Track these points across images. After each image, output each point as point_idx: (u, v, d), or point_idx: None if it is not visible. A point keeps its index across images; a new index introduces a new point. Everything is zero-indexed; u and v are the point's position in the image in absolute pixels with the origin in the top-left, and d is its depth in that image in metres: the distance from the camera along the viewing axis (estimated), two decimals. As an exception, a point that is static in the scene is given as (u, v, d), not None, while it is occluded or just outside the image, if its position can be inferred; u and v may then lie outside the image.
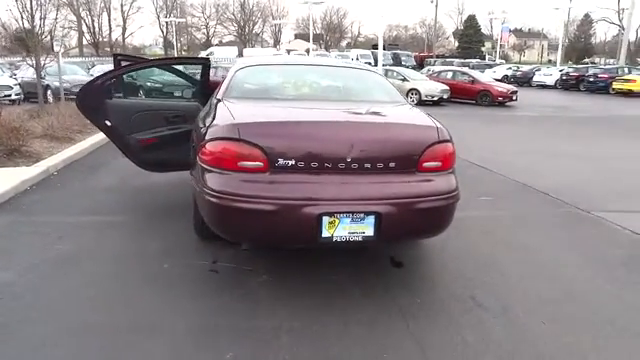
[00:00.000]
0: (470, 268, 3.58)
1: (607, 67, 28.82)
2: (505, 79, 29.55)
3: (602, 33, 74.27)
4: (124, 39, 67.04)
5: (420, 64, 44.24)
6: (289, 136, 2.93)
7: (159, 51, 75.85)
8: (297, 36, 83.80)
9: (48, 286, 3.14)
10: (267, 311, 2.91)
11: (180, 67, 6.30)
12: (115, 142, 4.74)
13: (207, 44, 75.97)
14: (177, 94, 5.87)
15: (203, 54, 51.35)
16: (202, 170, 3.06)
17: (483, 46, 76.37)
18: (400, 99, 3.95)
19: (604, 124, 13.50)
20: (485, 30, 79.20)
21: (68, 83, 14.52)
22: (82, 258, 3.60)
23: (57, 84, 13.85)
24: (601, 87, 25.11)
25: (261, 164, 2.86)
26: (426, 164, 3.05)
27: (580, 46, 71.05)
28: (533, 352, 2.58)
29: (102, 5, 62.61)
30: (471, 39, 74.56)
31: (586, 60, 63.91)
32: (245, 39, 77.74)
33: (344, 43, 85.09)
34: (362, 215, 2.86)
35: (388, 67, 23.37)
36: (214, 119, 3.21)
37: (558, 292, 3.27)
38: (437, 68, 26.48)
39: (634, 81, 23.61)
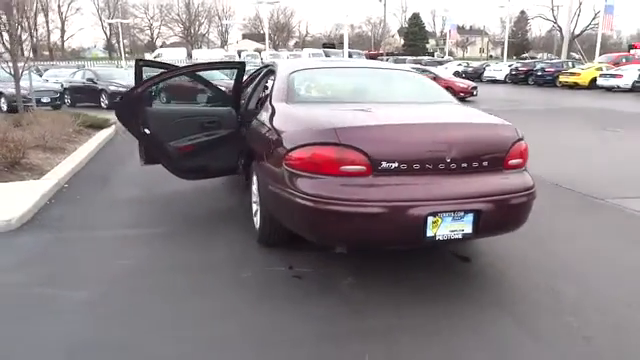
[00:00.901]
0: (533, 259, 3.74)
1: (553, 62, 30.34)
2: (457, 75, 30.53)
3: (537, 29, 77.89)
4: (63, 42, 64.10)
5: (371, 62, 44.70)
6: (390, 139, 2.97)
7: (101, 54, 73.02)
8: (245, 36, 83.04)
9: (139, 304, 3.03)
10: (372, 311, 2.94)
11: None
12: (153, 150, 4.60)
13: (151, 46, 73.85)
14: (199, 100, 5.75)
15: (150, 56, 49.95)
16: (292, 176, 3.04)
17: (428, 43, 78.48)
18: (451, 98, 4.07)
19: (567, 116, 14.25)
20: (429, 27, 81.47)
21: (25, 90, 13.73)
22: (153, 271, 3.49)
23: (11, 91, 13.07)
24: (548, 81, 26.49)
25: (364, 168, 2.88)
26: (511, 162, 3.17)
27: (518, 42, 74.31)
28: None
29: (38, 6, 59.43)
30: (416, 36, 76.44)
31: (525, 55, 66.88)
32: (192, 40, 76.13)
33: (292, 42, 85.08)
34: (462, 213, 2.94)
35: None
36: (297, 124, 3.20)
37: (619, 273, 3.49)
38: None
39: (579, 74, 25.02)
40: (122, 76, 18.51)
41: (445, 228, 2.93)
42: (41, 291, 3.16)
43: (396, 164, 2.89)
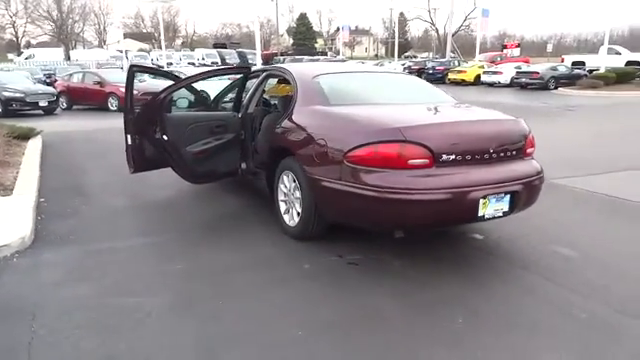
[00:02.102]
0: (525, 232, 4.43)
1: (442, 61, 33.04)
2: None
3: (415, 30, 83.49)
4: None
5: (266, 62, 45.10)
6: (448, 135, 3.42)
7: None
8: (127, 35, 78.56)
9: (230, 301, 3.16)
10: (435, 285, 3.38)
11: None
12: (169, 156, 4.59)
13: (14, 45, 67.14)
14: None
15: (19, 58, 45.41)
16: (358, 171, 3.38)
17: (316, 43, 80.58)
18: (451, 98, 4.64)
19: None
20: (316, 27, 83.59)
21: None
22: (214, 272, 3.58)
23: None
24: (438, 78, 28.88)
25: (427, 161, 3.31)
26: (528, 150, 3.80)
27: (399, 42, 79.22)
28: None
29: None
30: (304, 36, 78.17)
31: (407, 54, 71.40)
32: (66, 39, 70.43)
33: (179, 42, 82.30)
34: (503, 195, 3.49)
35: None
36: (357, 124, 3.54)
37: (600, 238, 4.31)
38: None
39: (465, 72, 27.63)
40: (12, 80, 16.96)
41: (491, 208, 3.46)
42: (120, 301, 3.15)
43: (453, 156, 3.36)
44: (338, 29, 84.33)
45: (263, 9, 74.87)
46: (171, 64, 37.88)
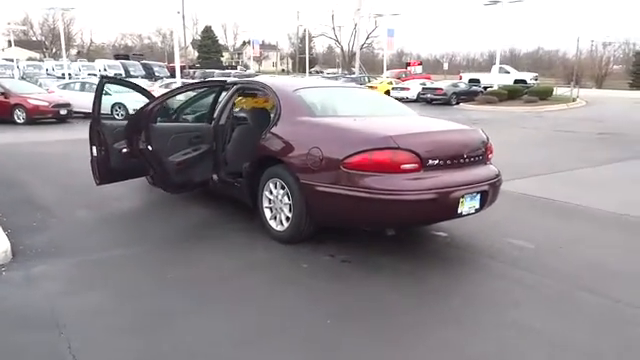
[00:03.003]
0: (480, 228, 5.07)
1: (354, 76, 34.46)
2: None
3: (320, 46, 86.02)
4: None
5: (172, 74, 43.96)
6: (433, 142, 3.92)
7: None
8: (16, 43, 72.49)
9: (260, 295, 3.37)
10: (427, 277, 3.84)
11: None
12: (152, 167, 4.64)
13: None
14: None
15: None
16: (354, 176, 3.76)
17: (222, 56, 79.97)
18: (412, 110, 5.20)
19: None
20: (221, 41, 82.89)
21: None
22: (225, 276, 3.75)
23: None
24: (350, 93, 30.11)
25: (416, 165, 3.77)
26: (489, 156, 4.41)
27: (304, 57, 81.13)
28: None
29: None
30: (210, 49, 77.21)
31: (312, 69, 73.21)
32: (-61, 46, 63.44)
33: (74, 52, 77.46)
34: (475, 194, 4.04)
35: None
36: (351, 133, 3.92)
37: (547, 231, 5.06)
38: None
39: (376, 88, 29.13)
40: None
41: (467, 206, 3.99)
42: (138, 305, 3.24)
43: (437, 161, 3.85)
44: (244, 43, 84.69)
45: (166, 21, 72.97)
46: (70, 75, 35.60)
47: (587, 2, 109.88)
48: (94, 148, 5.18)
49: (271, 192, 4.51)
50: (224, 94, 5.39)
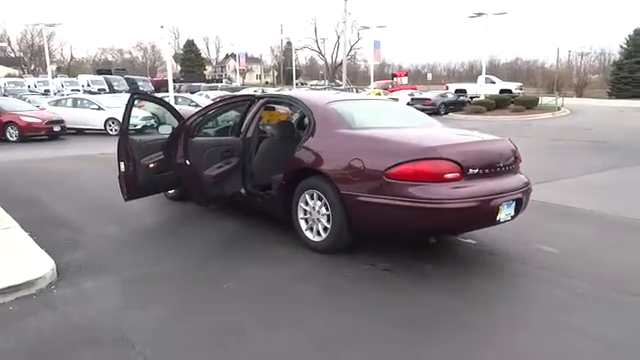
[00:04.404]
0: (503, 235, 5.21)
1: (341, 88, 34.73)
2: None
3: (303, 58, 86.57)
4: None
5: (157, 89, 43.82)
6: (472, 152, 4.06)
7: None
8: (-6, 60, 71.57)
9: (313, 315, 3.44)
10: (474, 281, 3.96)
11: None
12: (188, 181, 4.69)
13: None
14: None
15: None
16: (397, 186, 3.87)
17: (205, 69, 79.88)
18: (437, 122, 5.36)
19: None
20: (203, 54, 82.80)
21: None
22: (273, 287, 3.82)
23: None
24: (339, 104, 30.35)
25: (458, 174, 3.90)
26: (520, 164, 4.57)
27: (288, 69, 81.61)
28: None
29: None
30: (193, 63, 77.15)
31: (297, 81, 73.62)
32: None
33: (54, 67, 76.53)
34: (511, 202, 4.19)
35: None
36: (393, 145, 4.05)
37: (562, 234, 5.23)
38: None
39: (364, 99, 29.44)
40: None
41: (503, 213, 4.13)
42: (203, 320, 3.28)
43: (476, 170, 3.99)
44: (227, 56, 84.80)
45: (147, 35, 72.74)
46: (54, 92, 35.11)
47: (563, 13, 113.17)
48: (122, 164, 5.21)
49: (307, 203, 4.59)
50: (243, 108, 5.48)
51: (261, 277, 4.02)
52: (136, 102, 5.40)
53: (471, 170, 3.96)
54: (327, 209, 4.38)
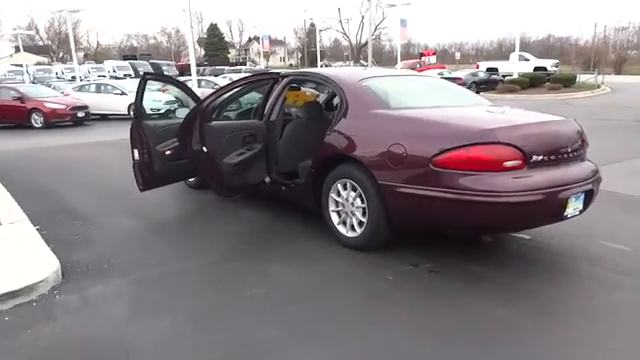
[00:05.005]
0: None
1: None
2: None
3: (326, 39, 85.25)
4: None
5: (182, 73, 43.56)
6: (537, 135, 3.43)
7: None
8: (24, 49, 72.55)
9: (352, 325, 2.93)
10: (533, 295, 3.38)
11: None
12: (206, 170, 4.20)
13: None
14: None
15: None
16: (447, 175, 3.29)
17: (229, 53, 79.50)
18: (486, 100, 4.72)
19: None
20: (227, 38, 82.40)
21: None
22: (307, 291, 3.32)
23: None
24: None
25: (520, 162, 3.29)
26: (587, 149, 3.92)
27: (312, 51, 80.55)
28: None
29: None
30: (216, 47, 76.81)
31: (321, 63, 72.64)
32: (-50, 54, 63.48)
33: (81, 54, 77.31)
34: (580, 194, 3.55)
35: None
36: (443, 127, 3.45)
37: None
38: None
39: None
40: None
41: (571, 207, 3.51)
42: (226, 335, 2.80)
43: (541, 157, 3.37)
44: (250, 39, 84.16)
45: (171, 20, 72.57)
46: (81, 78, 35.21)
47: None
48: (136, 151, 4.75)
49: (339, 194, 4.06)
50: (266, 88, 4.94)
51: (289, 280, 3.52)
52: (158, 86, 4.93)
53: (535, 157, 3.35)
54: (362, 201, 3.85)
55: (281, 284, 3.44)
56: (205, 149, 4.09)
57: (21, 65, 41.52)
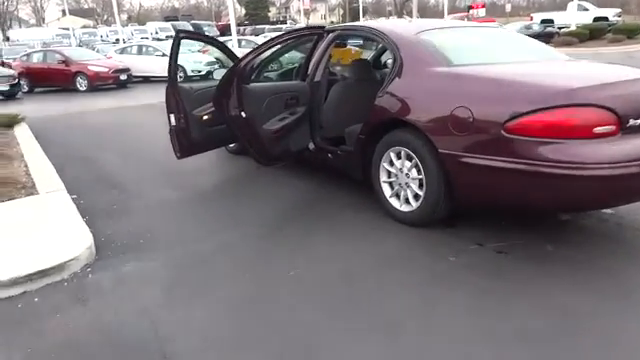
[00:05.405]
0: None
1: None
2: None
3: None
4: None
5: (222, 33, 43.08)
6: (631, 95, 2.87)
7: None
8: (70, 12, 73.69)
9: (421, 313, 2.57)
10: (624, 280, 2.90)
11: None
12: (245, 137, 3.86)
13: None
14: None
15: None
16: (525, 144, 2.80)
17: (269, 11, 78.22)
18: (562, 54, 4.11)
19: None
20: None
21: None
22: (358, 273, 2.97)
23: None
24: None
25: (613, 127, 2.75)
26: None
27: (354, 7, 78.13)
28: None
29: None
30: (257, 5, 75.60)
31: (364, 19, 70.49)
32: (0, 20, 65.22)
33: (124, 17, 77.96)
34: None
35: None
36: (519, 86, 2.94)
37: None
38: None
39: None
40: None
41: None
42: (271, 326, 2.50)
43: (639, 121, 2.82)
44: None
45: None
46: (124, 40, 35.37)
47: None
48: (172, 116, 4.44)
49: (392, 163, 3.65)
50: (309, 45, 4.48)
51: (337, 259, 3.17)
52: (199, 47, 4.57)
53: (632, 121, 2.80)
54: (419, 172, 3.42)
55: (327, 263, 3.10)
56: (244, 114, 3.72)
57: (68, 29, 42.15)
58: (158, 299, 2.76)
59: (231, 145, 5.64)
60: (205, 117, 4.57)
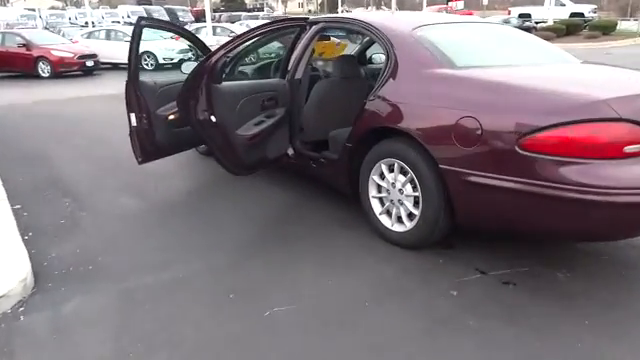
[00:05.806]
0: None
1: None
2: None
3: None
4: None
5: (197, 20, 41.90)
6: None
7: None
8: (36, -8, 70.76)
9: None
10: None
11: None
12: (214, 144, 3.35)
13: None
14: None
15: None
16: (543, 163, 2.39)
17: (246, -1, 76.75)
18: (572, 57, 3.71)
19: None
20: (243, -18, 79.26)
21: None
22: (345, 312, 2.52)
23: None
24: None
25: (646, 146, 2.36)
26: None
27: (332, -4, 77.22)
28: None
29: None
30: (233, -9, 74.08)
31: (341, 9, 69.77)
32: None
33: (95, -1, 75.32)
34: None
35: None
36: (532, 95, 2.51)
37: None
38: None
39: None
40: None
41: None
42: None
43: (677, 139, 2.42)
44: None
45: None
46: (93, 24, 33.90)
47: None
48: (133, 116, 3.89)
49: (382, 177, 3.20)
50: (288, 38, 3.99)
51: (326, 293, 2.71)
52: (165, 34, 4.00)
53: (667, 139, 2.41)
54: (415, 189, 2.98)
55: (316, 300, 2.63)
56: (214, 118, 3.20)
57: (34, 9, 40.37)
58: (105, 349, 2.26)
59: (202, 146, 5.11)
60: (171, 117, 4.04)
